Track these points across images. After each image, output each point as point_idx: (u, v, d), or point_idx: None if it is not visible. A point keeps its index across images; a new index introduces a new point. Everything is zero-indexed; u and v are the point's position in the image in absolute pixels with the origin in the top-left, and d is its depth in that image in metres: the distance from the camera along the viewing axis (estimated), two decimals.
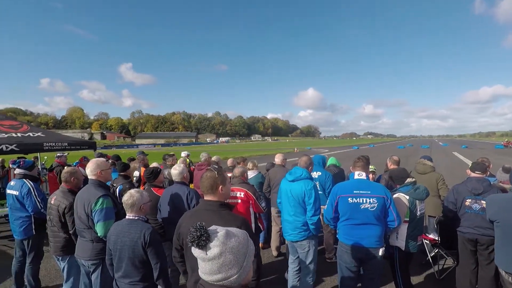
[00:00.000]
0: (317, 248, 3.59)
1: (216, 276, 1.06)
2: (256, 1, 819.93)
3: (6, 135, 6.13)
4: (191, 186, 4.80)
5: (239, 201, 3.63)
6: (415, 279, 4.17)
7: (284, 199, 3.56)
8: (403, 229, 3.22)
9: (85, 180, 3.32)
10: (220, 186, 2.01)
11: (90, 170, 2.98)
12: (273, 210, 5.17)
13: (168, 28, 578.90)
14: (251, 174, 5.57)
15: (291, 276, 3.70)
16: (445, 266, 4.42)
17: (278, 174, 5.02)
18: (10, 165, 4.40)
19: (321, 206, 3.60)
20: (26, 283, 3.90)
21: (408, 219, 3.21)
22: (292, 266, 3.68)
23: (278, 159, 5.32)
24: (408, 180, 3.41)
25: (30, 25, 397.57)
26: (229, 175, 5.56)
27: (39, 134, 6.82)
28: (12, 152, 5.81)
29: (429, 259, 4.43)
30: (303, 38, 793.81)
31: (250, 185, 3.96)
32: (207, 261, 1.06)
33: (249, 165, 5.61)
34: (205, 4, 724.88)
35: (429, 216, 4.66)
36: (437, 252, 4.39)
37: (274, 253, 5.17)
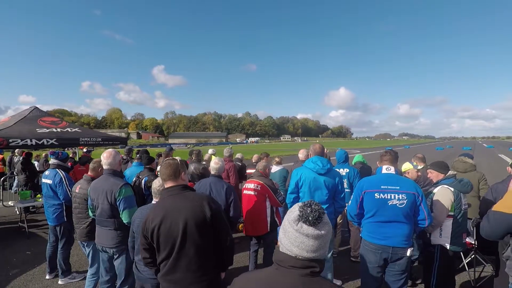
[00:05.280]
0: None
1: (317, 253, 1.09)
2: (285, 1, 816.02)
3: (47, 130, 6.58)
4: None
5: (255, 193, 3.58)
6: None
7: (309, 191, 3.38)
8: (448, 225, 2.95)
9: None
10: (182, 172, 2.14)
11: (110, 160, 3.08)
12: None
13: (197, 30, 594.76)
14: (276, 168, 5.51)
15: None
16: (482, 274, 4.02)
17: None
18: (49, 155, 4.77)
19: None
20: (58, 266, 4.14)
21: (452, 214, 2.94)
22: None
23: (302, 154, 5.19)
24: (450, 172, 3.16)
25: (71, 32, 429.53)
26: (253, 171, 5.55)
27: (76, 130, 7.26)
28: (52, 146, 6.25)
29: (464, 264, 4.05)
30: (333, 37, 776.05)
31: (268, 178, 3.90)
32: (313, 238, 1.07)
33: (275, 159, 5.53)
34: (233, 5, 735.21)
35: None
36: (473, 257, 4.00)
37: None
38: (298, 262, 1.07)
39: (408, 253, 2.75)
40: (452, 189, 2.97)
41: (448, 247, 2.97)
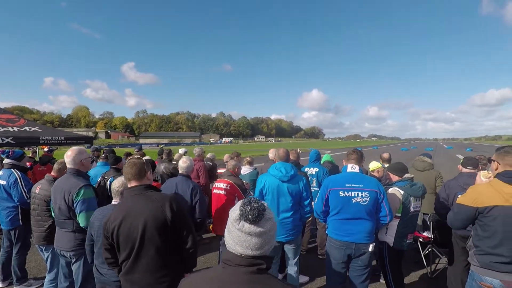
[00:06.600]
0: None
1: (261, 250, 1.09)
2: (260, 2, 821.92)
3: (2, 129, 6.13)
4: None
5: (224, 192, 3.57)
6: (407, 278, 4.06)
7: (274, 198, 3.28)
8: (394, 225, 3.11)
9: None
10: (148, 172, 2.12)
11: (71, 158, 2.90)
12: None
13: (170, 27, 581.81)
14: (246, 170, 5.49)
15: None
16: (439, 265, 4.30)
17: None
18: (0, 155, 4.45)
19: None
20: (12, 273, 3.87)
21: (400, 215, 3.10)
22: (274, 267, 3.49)
23: (271, 154, 5.24)
24: (406, 175, 3.32)
25: (33, 22, 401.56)
26: (224, 170, 5.53)
27: (35, 128, 6.82)
28: (8, 145, 5.82)
29: (422, 257, 4.31)
30: (307, 39, 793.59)
31: (238, 178, 3.90)
32: (256, 236, 1.07)
33: (246, 159, 5.51)
34: (208, 4, 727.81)
35: (423, 213, 4.54)
36: (430, 250, 4.27)
37: None
38: (243, 261, 1.08)
39: (370, 249, 2.86)
40: (402, 192, 3.12)
41: (391, 245, 3.15)
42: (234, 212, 1.12)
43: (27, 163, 6.18)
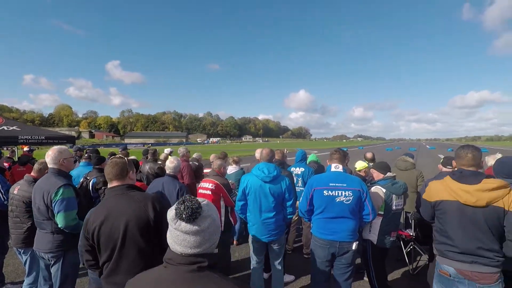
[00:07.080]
0: None
1: (201, 248, 1.09)
2: (249, 2, 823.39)
3: None
4: None
5: (209, 192, 3.55)
6: (390, 275, 4.14)
7: (256, 199, 3.25)
8: (377, 222, 3.17)
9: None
10: (130, 172, 2.09)
11: (51, 158, 2.83)
12: None
13: (157, 26, 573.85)
14: (231, 169, 5.49)
15: (259, 275, 3.51)
16: (420, 262, 4.40)
17: None
18: None
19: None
20: None
21: (382, 213, 3.17)
22: (258, 266, 3.49)
23: (258, 154, 5.23)
24: (388, 174, 3.40)
25: (12, 18, 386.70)
26: (209, 170, 5.50)
27: (14, 127, 6.62)
28: None
29: (404, 255, 4.42)
30: (295, 40, 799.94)
31: (224, 178, 3.88)
32: (193, 235, 1.08)
33: (230, 160, 5.49)
34: (196, 2, 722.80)
35: (406, 212, 4.65)
36: (412, 248, 4.38)
37: None
38: (184, 259, 1.09)
39: (353, 247, 2.92)
40: (384, 190, 3.19)
41: (375, 243, 3.22)
42: (171, 211, 1.13)
43: (5, 163, 5.99)
